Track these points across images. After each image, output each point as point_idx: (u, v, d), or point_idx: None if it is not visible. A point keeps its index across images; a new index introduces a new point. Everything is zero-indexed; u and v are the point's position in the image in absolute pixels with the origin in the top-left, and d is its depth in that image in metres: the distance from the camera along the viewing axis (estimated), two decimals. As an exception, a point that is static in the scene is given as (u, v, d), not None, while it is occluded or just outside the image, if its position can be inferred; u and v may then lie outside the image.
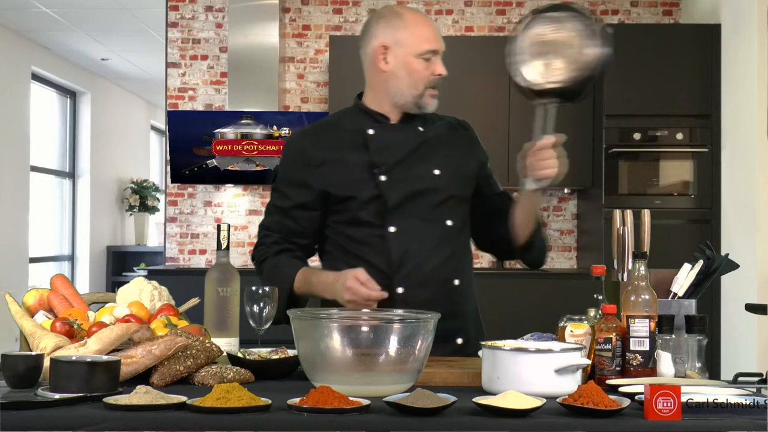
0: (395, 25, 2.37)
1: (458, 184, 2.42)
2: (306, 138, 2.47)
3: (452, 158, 2.44)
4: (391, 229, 2.34)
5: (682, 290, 2.19)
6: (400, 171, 2.37)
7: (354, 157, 2.38)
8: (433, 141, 2.43)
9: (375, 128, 2.41)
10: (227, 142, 6.30)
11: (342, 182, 2.37)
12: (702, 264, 2.21)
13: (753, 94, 5.19)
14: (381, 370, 1.84)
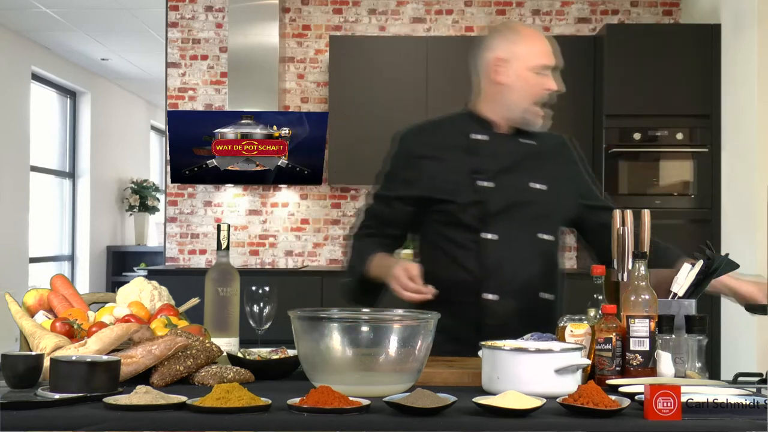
0: (512, 39, 2.42)
1: (559, 201, 2.44)
2: (414, 136, 2.52)
3: (557, 174, 2.45)
4: (488, 236, 2.37)
5: (682, 290, 2.18)
6: (503, 180, 2.39)
7: (457, 160, 2.41)
8: (539, 155, 2.45)
9: (482, 134, 2.44)
10: (227, 142, 6.30)
11: (443, 184, 2.40)
12: (702, 264, 2.21)
13: (753, 94, 5.19)
14: (381, 370, 1.84)
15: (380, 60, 6.31)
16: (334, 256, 6.64)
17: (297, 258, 6.65)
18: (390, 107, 6.25)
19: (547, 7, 6.59)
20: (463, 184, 2.39)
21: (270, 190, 6.65)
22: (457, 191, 2.38)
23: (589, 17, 6.58)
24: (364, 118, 6.25)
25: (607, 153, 5.83)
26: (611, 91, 5.84)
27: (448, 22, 6.64)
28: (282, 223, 6.65)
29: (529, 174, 2.41)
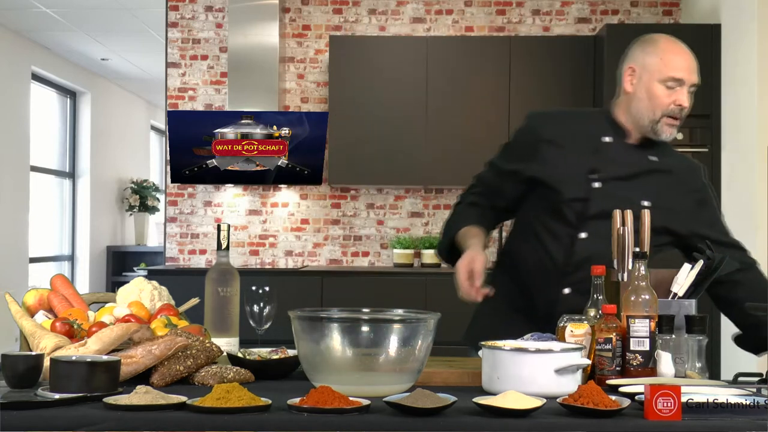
0: (647, 50, 2.43)
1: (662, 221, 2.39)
2: (545, 118, 2.56)
3: (669, 198, 2.44)
4: (582, 235, 2.39)
5: (682, 290, 2.18)
6: (614, 186, 2.41)
7: (578, 155, 2.44)
8: (659, 174, 2.45)
9: (611, 138, 2.46)
10: (227, 142, 6.30)
11: (556, 174, 2.43)
12: (702, 264, 2.21)
13: (753, 94, 5.19)
14: (381, 370, 1.84)
15: (380, 60, 6.31)
16: (334, 256, 6.64)
17: (297, 258, 6.65)
18: (390, 107, 6.26)
19: (547, 7, 6.59)
20: (576, 179, 2.42)
21: (270, 190, 6.65)
22: (568, 184, 2.41)
23: (589, 17, 6.58)
24: (364, 118, 6.25)
25: (607, 153, 5.82)
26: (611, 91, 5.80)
27: (448, 22, 6.64)
28: (282, 223, 6.65)
29: (641, 188, 2.42)
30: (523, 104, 6.13)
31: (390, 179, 6.36)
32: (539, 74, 6.13)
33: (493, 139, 6.07)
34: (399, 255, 6.38)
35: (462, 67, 6.25)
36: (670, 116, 2.40)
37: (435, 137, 6.24)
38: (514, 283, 2.50)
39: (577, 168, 2.42)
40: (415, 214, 6.62)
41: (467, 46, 6.35)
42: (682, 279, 2.19)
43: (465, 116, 6.22)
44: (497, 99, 6.17)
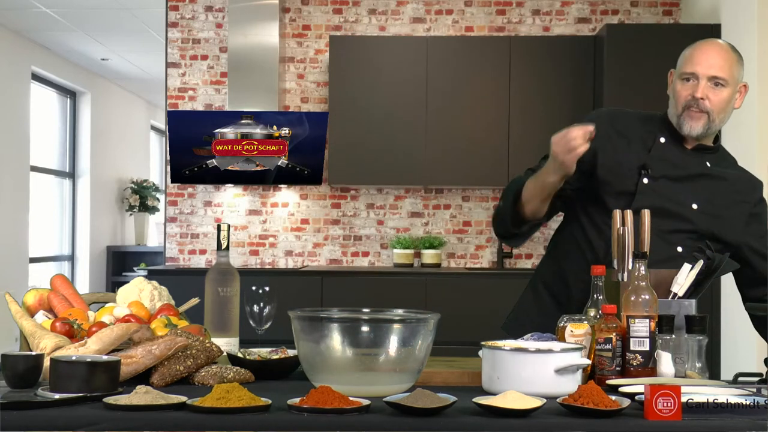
0: (682, 53, 2.53)
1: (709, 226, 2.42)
2: (610, 114, 2.58)
3: (719, 205, 2.45)
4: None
5: (682, 290, 2.18)
6: (663, 185, 2.43)
7: (635, 153, 2.47)
8: (712, 180, 2.46)
9: (667, 139, 2.49)
10: (227, 142, 6.30)
11: (611, 166, 2.45)
12: (702, 264, 2.21)
13: (753, 94, 5.19)
14: (381, 370, 1.84)
15: (380, 60, 6.31)
16: (334, 256, 6.64)
17: (297, 258, 6.65)
18: (390, 107, 6.26)
19: (547, 7, 6.59)
20: (628, 174, 2.44)
21: (270, 190, 6.65)
22: (619, 177, 2.44)
23: (589, 17, 6.58)
24: (364, 118, 6.25)
25: (607, 153, 5.82)
26: (611, 91, 5.84)
27: (448, 22, 6.64)
28: (282, 223, 6.65)
29: (690, 191, 2.44)
30: (523, 104, 6.13)
31: (390, 179, 6.36)
32: (539, 74, 6.13)
33: (493, 139, 6.13)
34: (399, 255, 6.38)
35: (462, 67, 6.25)
36: (691, 107, 2.43)
37: (435, 137, 6.24)
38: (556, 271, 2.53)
39: (630, 163, 2.45)
40: (415, 214, 6.62)
41: (467, 46, 6.35)
42: (682, 279, 2.19)
43: (465, 116, 6.22)
44: (497, 99, 6.16)
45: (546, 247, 2.68)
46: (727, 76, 2.44)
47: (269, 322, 2.24)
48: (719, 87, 2.43)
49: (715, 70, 2.43)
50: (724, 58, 2.45)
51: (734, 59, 2.48)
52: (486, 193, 6.47)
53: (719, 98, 2.43)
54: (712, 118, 2.44)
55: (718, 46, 2.48)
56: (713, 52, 2.45)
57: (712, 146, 2.52)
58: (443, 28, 6.63)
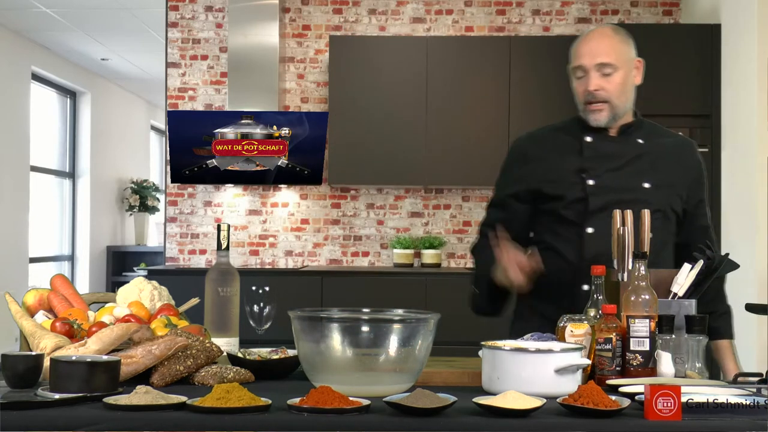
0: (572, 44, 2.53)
1: (667, 201, 2.45)
2: (528, 140, 2.62)
3: (667, 175, 2.47)
4: (589, 230, 2.42)
5: (682, 290, 2.18)
6: (610, 178, 2.44)
7: (568, 161, 2.49)
8: (651, 155, 2.48)
9: (592, 137, 2.50)
10: (227, 142, 6.30)
11: (553, 181, 2.47)
12: (702, 264, 2.21)
13: (753, 94, 5.19)
14: (381, 370, 1.84)
15: (380, 60, 6.31)
16: (334, 256, 6.64)
17: (297, 258, 6.65)
18: (390, 107, 6.25)
19: (547, 7, 6.59)
20: (571, 181, 2.46)
21: (270, 190, 6.65)
22: (565, 188, 2.46)
23: (589, 17, 6.58)
24: (364, 118, 6.25)
25: (607, 153, 5.82)
26: (611, 91, 5.83)
27: (448, 22, 6.64)
28: (282, 223, 6.65)
29: (637, 173, 2.46)
30: (523, 104, 6.13)
31: (390, 179, 6.36)
32: (539, 74, 6.13)
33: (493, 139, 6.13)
34: (399, 255, 6.38)
35: (462, 67, 6.25)
36: (590, 102, 2.45)
37: (435, 137, 6.24)
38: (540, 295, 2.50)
39: (568, 172, 2.47)
40: (415, 214, 6.62)
41: (467, 46, 6.34)
42: (682, 279, 2.19)
43: (465, 116, 6.22)
44: (497, 99, 6.16)
45: None
46: (613, 60, 2.44)
47: (269, 322, 2.24)
48: (610, 74, 2.43)
49: (601, 57, 2.43)
50: (606, 42, 2.45)
51: (617, 40, 2.48)
52: (486, 193, 6.47)
53: (613, 84, 2.44)
54: (614, 105, 2.46)
55: (598, 33, 2.49)
56: (594, 40, 2.46)
57: (635, 121, 2.53)
58: (443, 28, 6.63)
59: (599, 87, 2.43)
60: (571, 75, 2.52)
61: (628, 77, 2.49)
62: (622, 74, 2.46)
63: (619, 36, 2.50)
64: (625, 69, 2.47)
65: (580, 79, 2.48)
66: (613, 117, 2.47)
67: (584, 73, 2.46)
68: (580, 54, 2.47)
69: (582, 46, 2.48)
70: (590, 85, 2.43)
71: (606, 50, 2.44)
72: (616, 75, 2.44)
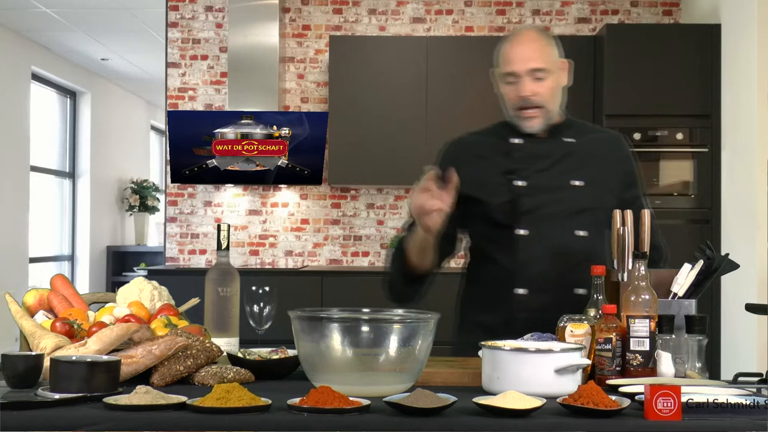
0: (498, 48, 2.48)
1: (599, 198, 2.43)
2: (455, 145, 2.60)
3: (597, 172, 2.46)
4: (521, 232, 2.40)
5: (682, 290, 2.18)
6: (539, 178, 2.42)
7: (496, 164, 2.46)
8: (580, 153, 2.47)
9: (520, 139, 2.48)
10: (227, 142, 6.30)
11: (481, 185, 2.45)
12: (702, 264, 2.21)
13: (753, 94, 5.19)
14: (381, 370, 1.84)
15: (380, 60, 6.31)
16: (334, 256, 6.64)
17: (297, 258, 6.65)
18: (390, 107, 6.25)
19: (547, 7, 6.59)
20: (499, 184, 2.44)
21: (270, 190, 6.65)
22: (493, 191, 2.44)
23: (589, 17, 6.58)
24: (364, 118, 6.25)
25: (607, 153, 5.82)
26: (611, 91, 5.84)
27: (448, 22, 6.64)
28: (282, 223, 6.65)
29: (567, 172, 2.44)
30: (523, 104, 6.12)
31: (390, 179, 6.36)
32: (539, 74, 6.13)
33: (493, 139, 6.10)
34: (399, 255, 6.37)
35: (462, 67, 6.24)
36: (523, 108, 2.42)
37: (435, 137, 6.22)
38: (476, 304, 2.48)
39: (495, 175, 2.45)
40: (415, 214, 6.61)
41: (467, 46, 6.34)
42: (682, 279, 2.19)
43: (465, 116, 6.21)
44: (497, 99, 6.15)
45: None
46: (545, 65, 2.40)
47: (269, 322, 2.24)
48: (542, 79, 2.40)
49: (533, 62, 2.39)
50: (536, 47, 2.42)
51: (545, 43, 2.45)
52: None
53: (546, 89, 2.41)
54: (548, 110, 2.43)
55: (528, 38, 2.45)
56: (524, 45, 2.42)
57: (564, 121, 2.50)
58: (443, 28, 6.63)
59: (533, 93, 2.39)
60: (499, 80, 2.48)
61: (559, 80, 2.46)
62: (554, 78, 2.43)
63: (546, 39, 2.46)
64: (556, 72, 2.44)
65: (512, 84, 2.43)
66: (546, 122, 2.44)
67: (516, 78, 2.41)
68: (510, 59, 2.42)
69: (511, 51, 2.43)
70: (524, 91, 2.39)
71: (537, 55, 2.40)
72: (548, 79, 2.41)
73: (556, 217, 2.41)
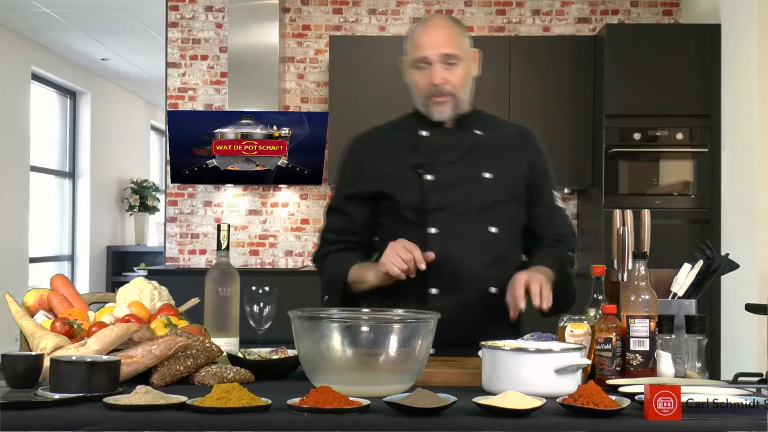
0: (408, 34, 2.43)
1: (509, 190, 2.40)
2: (361, 140, 2.53)
3: (507, 164, 2.42)
4: (432, 230, 2.36)
5: (682, 290, 2.19)
6: (448, 172, 2.38)
7: (405, 157, 2.42)
8: (489, 145, 2.43)
9: (428, 131, 2.44)
10: (227, 142, 6.30)
11: (389, 180, 2.40)
12: (702, 264, 2.21)
13: (753, 94, 5.19)
14: (381, 370, 1.84)
15: (380, 60, 6.30)
16: (334, 256, 6.63)
17: (297, 258, 6.65)
18: (390, 107, 6.18)
19: (547, 7, 6.59)
20: (407, 179, 2.38)
21: (270, 190, 6.65)
22: (401, 187, 2.38)
23: (589, 17, 6.58)
24: (364, 118, 6.20)
25: (607, 153, 5.82)
26: (611, 91, 5.83)
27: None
28: (282, 223, 6.65)
29: (477, 164, 2.39)
30: (523, 104, 6.13)
31: (390, 179, 6.35)
32: (539, 74, 6.13)
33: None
34: (399, 255, 6.37)
35: (462, 67, 6.24)
36: (434, 96, 2.37)
37: (435, 137, 6.23)
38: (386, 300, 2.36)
39: (403, 170, 2.40)
40: (415, 214, 6.62)
41: (467, 46, 6.33)
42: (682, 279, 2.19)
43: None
44: (497, 99, 6.16)
45: None
46: (457, 51, 2.36)
47: (269, 322, 2.24)
48: (453, 65, 2.35)
49: (445, 48, 2.34)
50: (449, 33, 2.37)
51: (458, 31, 2.41)
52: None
53: (457, 76, 2.36)
54: (458, 98, 2.39)
55: (440, 24, 2.41)
56: (437, 31, 2.38)
57: (472, 112, 2.47)
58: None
59: (444, 80, 2.35)
60: (408, 68, 2.42)
61: (470, 69, 2.42)
62: (465, 66, 2.39)
63: (458, 27, 2.42)
64: (467, 61, 2.40)
65: (422, 70, 2.37)
66: (455, 111, 2.40)
67: (427, 64, 2.36)
68: (421, 45, 2.36)
69: (423, 36, 2.37)
70: (436, 78, 2.34)
71: (449, 41, 2.36)
72: (459, 67, 2.36)
73: (467, 213, 2.36)
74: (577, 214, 6.55)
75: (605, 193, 5.84)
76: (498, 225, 2.38)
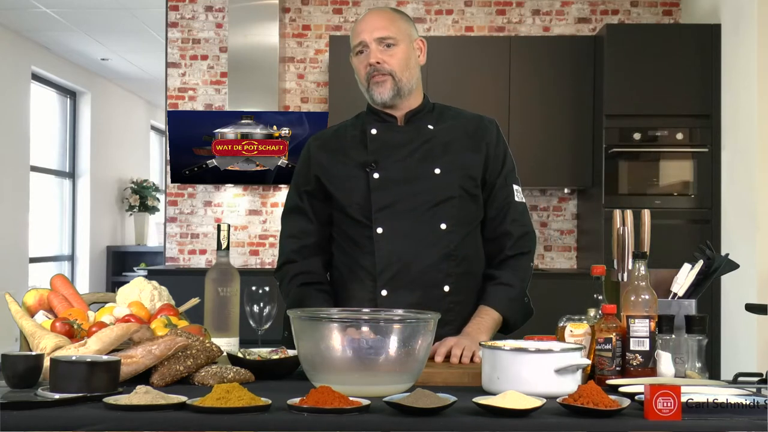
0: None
1: (461, 185, 2.35)
2: (316, 139, 2.52)
3: (458, 157, 2.37)
4: (379, 230, 2.32)
5: (682, 290, 2.18)
6: (396, 170, 2.35)
7: (354, 155, 2.39)
8: (441, 139, 2.39)
9: (378, 128, 2.42)
10: (227, 142, 6.30)
11: (338, 179, 2.38)
12: (702, 264, 2.21)
13: (753, 94, 5.19)
14: (381, 370, 1.83)
15: (380, 60, 6.31)
16: (334, 256, 6.63)
17: (297, 258, 6.64)
18: (390, 107, 6.25)
19: (547, 7, 6.59)
20: (357, 178, 2.36)
21: (270, 190, 6.65)
22: (351, 187, 2.36)
23: (589, 17, 6.58)
24: (364, 118, 6.24)
25: (607, 153, 5.83)
26: (611, 91, 5.84)
27: (448, 22, 6.64)
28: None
29: (426, 160, 2.36)
30: (523, 104, 6.13)
31: (390, 179, 6.35)
32: (539, 74, 6.13)
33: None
34: (399, 255, 6.37)
35: (462, 67, 6.24)
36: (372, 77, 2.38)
37: (435, 137, 6.23)
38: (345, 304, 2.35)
39: (352, 168, 2.38)
40: (415, 214, 6.62)
41: (467, 46, 6.34)
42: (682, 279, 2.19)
43: (465, 116, 6.22)
44: (497, 99, 6.16)
45: None
46: (393, 34, 2.37)
47: (269, 322, 2.24)
48: (391, 47, 2.36)
49: (380, 32, 2.36)
50: (385, 18, 2.40)
51: (396, 17, 2.42)
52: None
53: (395, 57, 2.36)
54: (398, 78, 2.37)
55: (377, 11, 2.45)
56: (373, 17, 2.41)
57: (423, 107, 2.44)
58: (443, 28, 6.63)
59: (380, 60, 2.35)
60: (353, 58, 2.45)
61: (411, 53, 2.40)
62: (404, 49, 2.38)
63: (397, 14, 2.44)
64: (406, 43, 2.39)
65: (361, 54, 2.41)
66: (397, 92, 2.37)
67: (365, 48, 2.39)
68: (359, 31, 2.40)
69: (360, 24, 2.42)
70: (371, 57, 2.36)
71: (385, 24, 2.37)
72: (397, 49, 2.36)
73: (415, 211, 2.32)
74: (577, 214, 6.55)
75: (605, 193, 5.84)
76: (449, 221, 2.33)
